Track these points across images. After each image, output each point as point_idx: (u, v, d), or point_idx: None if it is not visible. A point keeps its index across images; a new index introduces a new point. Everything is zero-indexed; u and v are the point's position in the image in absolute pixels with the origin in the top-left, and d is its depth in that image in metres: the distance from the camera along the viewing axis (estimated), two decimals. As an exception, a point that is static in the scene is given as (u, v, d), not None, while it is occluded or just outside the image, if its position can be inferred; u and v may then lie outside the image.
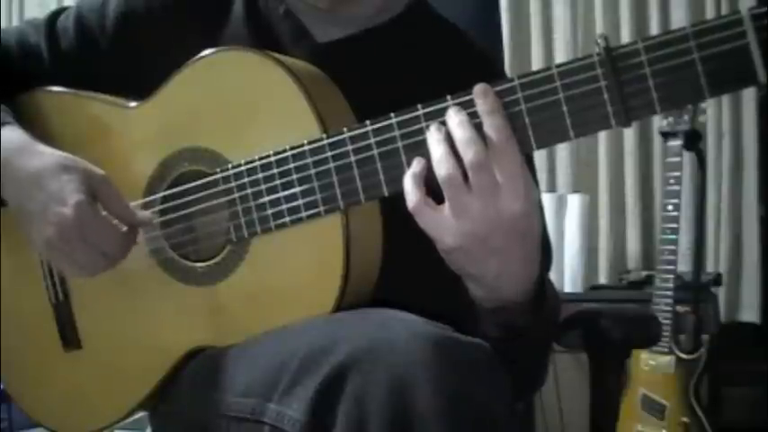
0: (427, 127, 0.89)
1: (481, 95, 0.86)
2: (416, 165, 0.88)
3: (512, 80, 0.86)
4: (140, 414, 1.13)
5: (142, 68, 1.10)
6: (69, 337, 1.11)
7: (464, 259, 0.89)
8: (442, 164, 0.86)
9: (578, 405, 2.46)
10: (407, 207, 0.88)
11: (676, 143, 2.32)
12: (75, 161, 1.01)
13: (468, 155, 0.85)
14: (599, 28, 2.80)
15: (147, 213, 1.03)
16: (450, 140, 0.86)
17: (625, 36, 2.75)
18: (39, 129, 1.09)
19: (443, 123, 0.87)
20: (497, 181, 0.84)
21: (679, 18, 2.72)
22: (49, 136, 1.09)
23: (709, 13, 2.69)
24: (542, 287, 0.95)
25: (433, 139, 0.87)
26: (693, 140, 2.30)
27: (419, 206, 0.87)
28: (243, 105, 0.99)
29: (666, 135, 2.35)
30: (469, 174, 0.85)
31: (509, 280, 0.90)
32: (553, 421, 2.69)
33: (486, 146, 0.85)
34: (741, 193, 2.68)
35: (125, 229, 1.00)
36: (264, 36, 1.10)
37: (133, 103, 1.08)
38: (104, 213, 0.99)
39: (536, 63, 2.86)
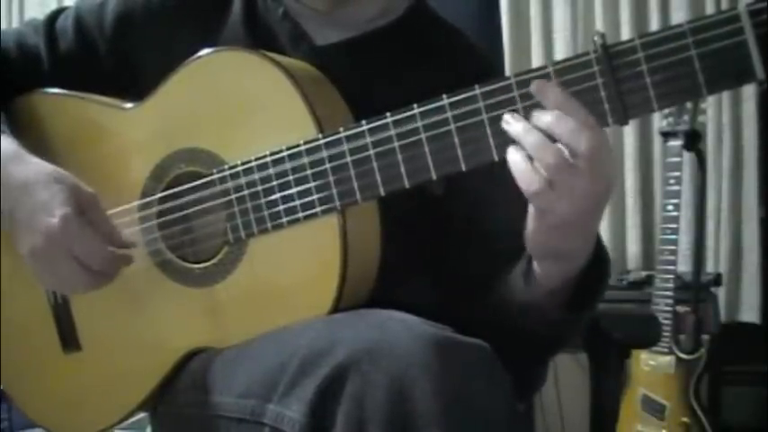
0: (423, 126, 0.88)
1: (542, 91, 0.83)
2: (529, 142, 0.84)
3: (508, 78, 0.85)
4: (140, 415, 1.13)
5: (140, 69, 1.11)
6: (69, 338, 1.11)
7: (561, 238, 0.87)
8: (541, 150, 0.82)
9: (578, 405, 2.47)
10: (524, 191, 0.84)
11: (676, 143, 2.32)
12: (66, 175, 1.00)
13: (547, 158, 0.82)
14: (599, 28, 2.80)
15: (131, 237, 1.03)
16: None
17: (625, 36, 2.75)
18: (36, 131, 1.09)
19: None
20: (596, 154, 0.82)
21: (679, 18, 2.72)
22: (46, 138, 1.09)
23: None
24: (603, 248, 0.96)
25: (519, 127, 0.84)
26: (693, 140, 2.29)
27: (543, 189, 0.83)
28: (239, 106, 0.99)
29: (666, 135, 2.35)
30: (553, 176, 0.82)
31: (588, 248, 0.91)
32: (553, 421, 2.69)
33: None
34: (741, 193, 2.67)
35: (110, 247, 0.99)
36: (263, 38, 1.10)
37: (129, 105, 1.08)
38: (90, 228, 0.99)
39: (536, 63, 2.85)
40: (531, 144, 0.83)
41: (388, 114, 0.90)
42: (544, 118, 0.83)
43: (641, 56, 0.81)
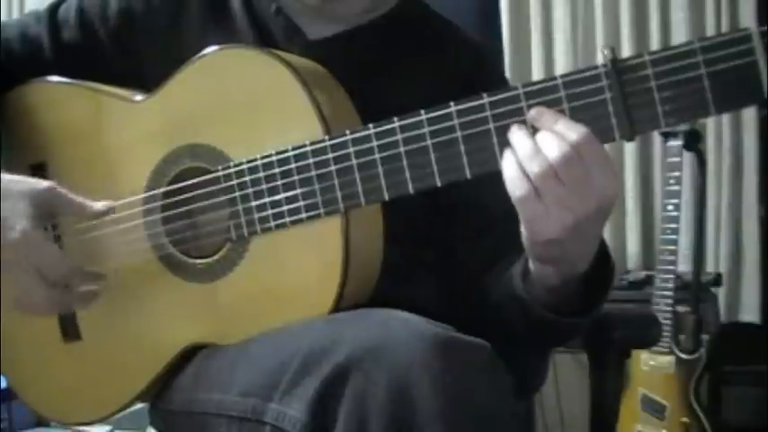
0: (429, 133, 0.88)
1: (538, 115, 0.84)
2: (521, 151, 0.84)
3: (515, 89, 0.86)
4: (138, 406, 1.13)
5: (143, 61, 1.11)
6: (69, 328, 1.12)
7: (558, 249, 0.88)
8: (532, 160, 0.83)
9: (578, 405, 2.47)
10: (512, 197, 0.85)
11: (676, 143, 2.32)
12: (19, 183, 1.01)
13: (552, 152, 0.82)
14: (599, 29, 2.80)
15: (104, 202, 1.04)
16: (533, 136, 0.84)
17: (625, 37, 2.75)
18: (43, 118, 1.10)
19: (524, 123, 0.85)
20: (586, 170, 0.82)
21: (679, 19, 2.72)
22: (53, 126, 1.10)
23: (709, 15, 2.68)
24: (607, 253, 0.96)
25: (517, 136, 0.85)
26: (693, 140, 2.29)
27: (528, 196, 0.84)
28: (246, 103, 0.99)
29: (666, 135, 2.35)
30: (558, 169, 0.82)
31: (589, 254, 0.92)
32: (553, 421, 2.69)
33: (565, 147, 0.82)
34: (741, 192, 2.67)
35: (70, 262, 1.01)
36: (261, 33, 1.10)
37: (139, 97, 1.08)
38: (51, 242, 1.03)
39: (536, 64, 2.86)
40: (522, 153, 0.84)
41: (395, 119, 0.90)
42: (538, 134, 0.84)
43: (650, 72, 0.80)
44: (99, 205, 1.04)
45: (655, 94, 0.80)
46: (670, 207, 2.33)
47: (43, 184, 1.02)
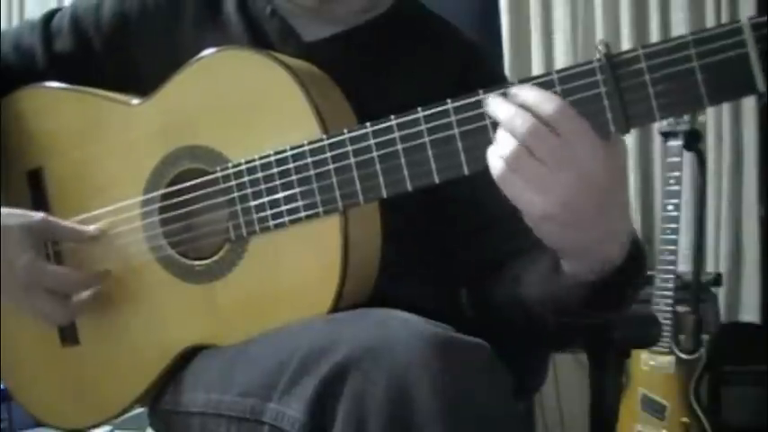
0: (427, 130, 0.88)
1: (521, 90, 0.82)
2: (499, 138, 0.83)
3: (511, 84, 0.85)
4: (138, 410, 1.13)
5: (138, 67, 1.11)
6: (67, 332, 1.12)
7: (559, 230, 0.84)
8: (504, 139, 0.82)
9: (578, 405, 2.47)
10: (493, 177, 0.83)
11: (676, 143, 2.32)
12: (16, 216, 1.04)
13: (522, 127, 0.80)
14: (599, 29, 2.80)
15: (96, 226, 1.08)
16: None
17: (625, 37, 2.75)
18: (40, 123, 1.10)
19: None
20: (563, 144, 0.80)
21: (679, 20, 2.72)
22: (48, 131, 1.10)
23: (709, 15, 2.68)
24: (639, 245, 0.92)
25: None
26: (693, 140, 2.30)
27: (504, 175, 0.82)
28: (244, 105, 0.99)
29: (666, 135, 2.35)
30: (531, 146, 0.80)
31: (612, 241, 0.88)
32: (553, 421, 2.69)
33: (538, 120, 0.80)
34: (741, 193, 2.68)
35: (76, 274, 1.07)
36: (255, 35, 1.10)
37: (136, 101, 1.08)
38: (53, 263, 1.08)
39: (536, 64, 2.86)
40: (499, 138, 0.83)
41: (392, 117, 0.90)
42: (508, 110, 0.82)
43: (644, 66, 0.80)
44: (91, 229, 1.07)
45: (649, 87, 0.81)
46: (670, 207, 2.33)
47: (37, 215, 1.05)
